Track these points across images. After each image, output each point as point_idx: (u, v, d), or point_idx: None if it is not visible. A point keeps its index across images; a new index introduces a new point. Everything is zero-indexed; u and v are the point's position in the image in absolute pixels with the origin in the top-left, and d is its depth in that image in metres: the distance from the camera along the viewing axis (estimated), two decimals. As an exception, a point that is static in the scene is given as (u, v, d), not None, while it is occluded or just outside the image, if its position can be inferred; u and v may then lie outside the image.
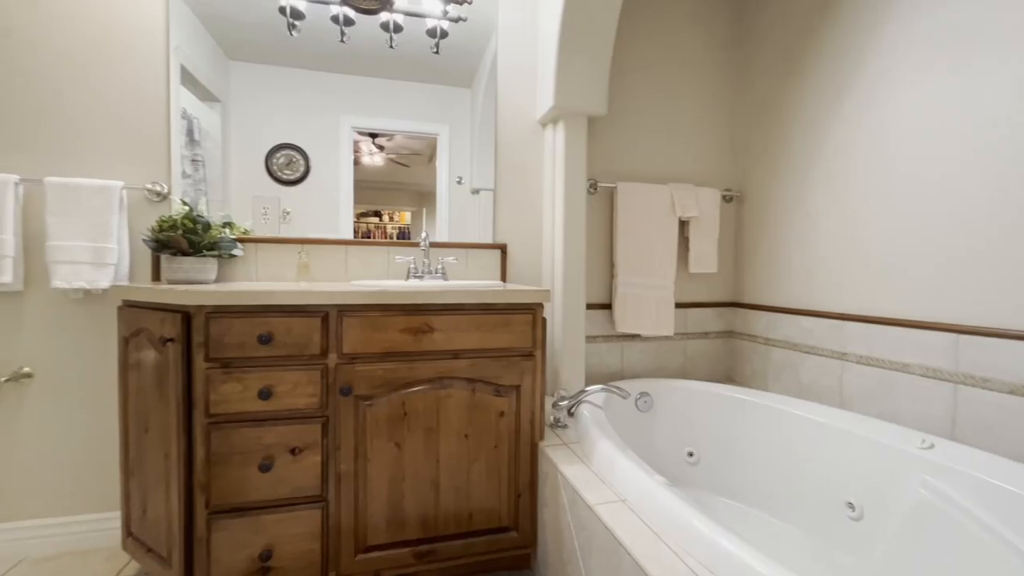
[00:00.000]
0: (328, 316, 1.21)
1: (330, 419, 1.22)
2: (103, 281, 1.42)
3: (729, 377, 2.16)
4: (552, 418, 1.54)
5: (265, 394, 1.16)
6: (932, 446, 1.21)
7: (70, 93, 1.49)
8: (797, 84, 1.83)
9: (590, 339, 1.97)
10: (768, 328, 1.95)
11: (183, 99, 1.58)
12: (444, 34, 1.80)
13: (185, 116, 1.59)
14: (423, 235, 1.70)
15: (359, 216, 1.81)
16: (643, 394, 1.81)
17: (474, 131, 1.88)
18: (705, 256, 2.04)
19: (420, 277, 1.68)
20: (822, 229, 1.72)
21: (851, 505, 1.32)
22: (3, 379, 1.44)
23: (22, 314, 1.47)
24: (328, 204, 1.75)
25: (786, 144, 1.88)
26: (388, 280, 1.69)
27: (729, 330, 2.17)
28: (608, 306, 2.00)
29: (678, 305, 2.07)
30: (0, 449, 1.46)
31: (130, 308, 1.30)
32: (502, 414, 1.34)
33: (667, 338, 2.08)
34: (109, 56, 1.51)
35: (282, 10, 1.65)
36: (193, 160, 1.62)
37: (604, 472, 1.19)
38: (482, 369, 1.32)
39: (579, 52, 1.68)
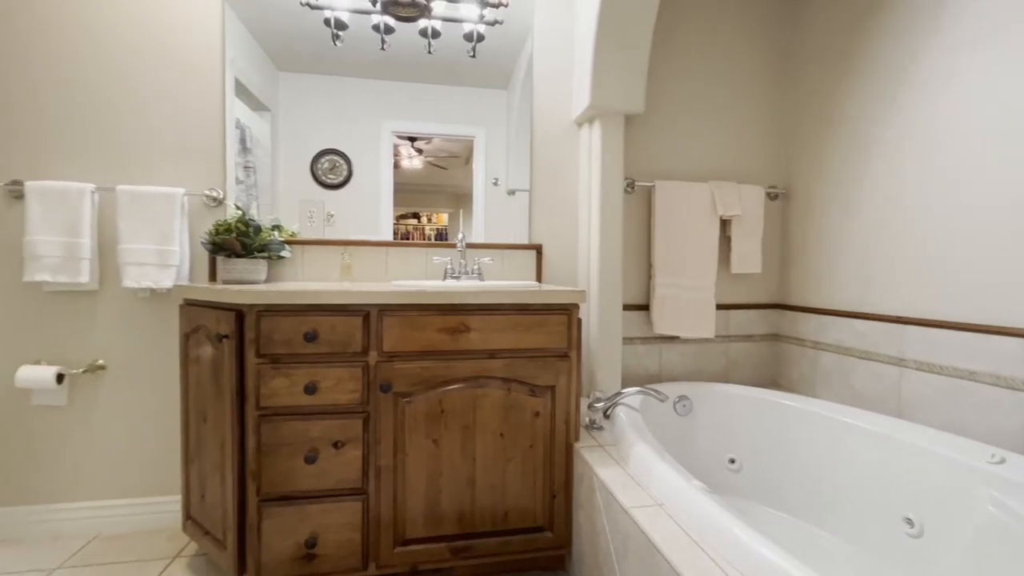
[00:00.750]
0: (369, 315, 1.26)
1: (371, 415, 1.26)
2: (167, 281, 1.53)
3: (774, 382, 2.08)
4: (587, 419, 1.53)
5: (310, 389, 1.22)
6: (1003, 460, 1.12)
7: (139, 108, 1.61)
8: (849, 73, 1.74)
9: (627, 340, 1.94)
10: (817, 331, 1.85)
11: (237, 109, 1.68)
12: (480, 38, 1.82)
13: (238, 125, 1.69)
14: (460, 236, 1.73)
15: (398, 218, 1.87)
16: (682, 397, 1.76)
17: (510, 133, 1.89)
18: (748, 256, 1.97)
19: (457, 278, 1.71)
20: (877, 227, 1.62)
21: (909, 521, 1.24)
22: (81, 370, 1.57)
23: (96, 311, 1.60)
24: (369, 207, 1.81)
25: (837, 137, 1.79)
26: (426, 280, 1.73)
27: (774, 333, 2.08)
28: (645, 307, 1.97)
29: (719, 306, 2.00)
30: (78, 434, 1.60)
31: (190, 306, 1.39)
32: (537, 414, 1.35)
33: (707, 340, 2.02)
34: (172, 73, 1.62)
35: (327, 21, 1.72)
36: (245, 167, 1.72)
37: (640, 475, 1.17)
38: (517, 369, 1.33)
39: (615, 50, 1.66)
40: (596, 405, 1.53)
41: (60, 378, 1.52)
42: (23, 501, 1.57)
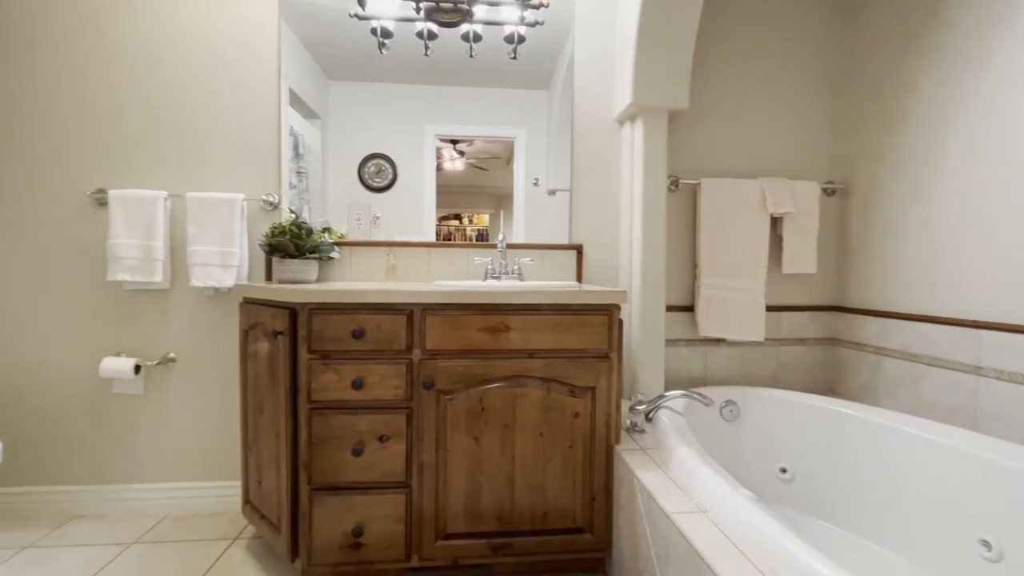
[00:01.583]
0: (413, 314, 1.30)
1: (414, 411, 1.30)
2: (228, 281, 1.64)
3: (831, 389, 1.96)
4: (629, 422, 1.50)
5: (358, 385, 1.27)
6: (1100, 482, 1.00)
7: (205, 121, 1.73)
8: (917, 59, 1.61)
9: (670, 342, 1.89)
10: (879, 335, 1.74)
11: (290, 118, 1.78)
12: (521, 39, 1.83)
13: (292, 133, 1.79)
14: (500, 237, 1.75)
15: (441, 219, 1.91)
16: (729, 402, 1.70)
17: (550, 133, 1.89)
18: (801, 255, 1.87)
19: (497, 278, 1.73)
20: (949, 222, 1.50)
21: (986, 543, 1.14)
22: (155, 362, 1.72)
23: (168, 308, 1.74)
24: (413, 209, 1.86)
25: (903, 129, 1.67)
26: (467, 280, 1.76)
27: (831, 337, 1.97)
28: (690, 308, 1.91)
29: (769, 308, 1.91)
30: (151, 421, 1.74)
31: (248, 304, 1.49)
32: (577, 415, 1.34)
33: (757, 344, 1.94)
34: (234, 88, 1.74)
35: (374, 31, 1.79)
36: (298, 172, 1.81)
37: (683, 481, 1.14)
38: (557, 369, 1.33)
39: (658, 45, 1.62)
40: (638, 408, 1.50)
41: (137, 369, 1.67)
42: (104, 480, 1.73)
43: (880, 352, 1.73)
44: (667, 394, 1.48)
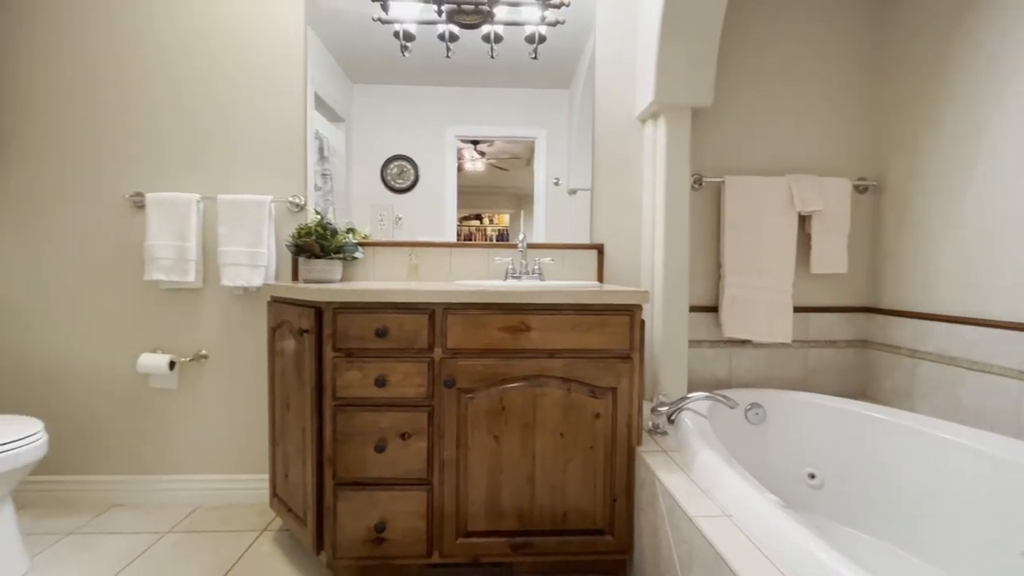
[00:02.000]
0: (434, 313, 1.31)
1: (435, 409, 1.31)
2: (257, 280, 1.69)
3: (863, 393, 1.89)
4: (650, 423, 1.49)
5: (380, 382, 1.29)
6: None
7: (235, 126, 1.79)
8: (957, 43, 1.54)
9: (693, 343, 1.86)
10: (915, 338, 1.67)
11: (316, 121, 1.82)
12: (542, 39, 1.83)
13: (317, 136, 1.83)
14: (520, 236, 1.75)
15: (461, 219, 1.92)
16: (754, 405, 1.66)
17: (571, 132, 1.89)
18: (831, 254, 1.81)
19: (518, 277, 1.74)
20: (993, 220, 1.43)
21: (1031, 557, 1.08)
22: (188, 359, 1.78)
23: (200, 307, 1.80)
24: (434, 209, 1.88)
25: (942, 121, 1.60)
26: (488, 280, 1.77)
27: (863, 339, 1.90)
28: (714, 309, 1.87)
29: (797, 309, 1.86)
30: (185, 415, 1.81)
31: (276, 303, 1.53)
32: (598, 415, 1.33)
33: (784, 346, 1.89)
34: (262, 94, 1.79)
35: (396, 34, 1.81)
36: (323, 174, 1.85)
37: (707, 484, 1.12)
38: (577, 369, 1.32)
39: (682, 41, 1.60)
40: (660, 409, 1.49)
41: (172, 365, 1.74)
42: (141, 471, 1.81)
43: (915, 355, 1.66)
44: (690, 396, 1.45)
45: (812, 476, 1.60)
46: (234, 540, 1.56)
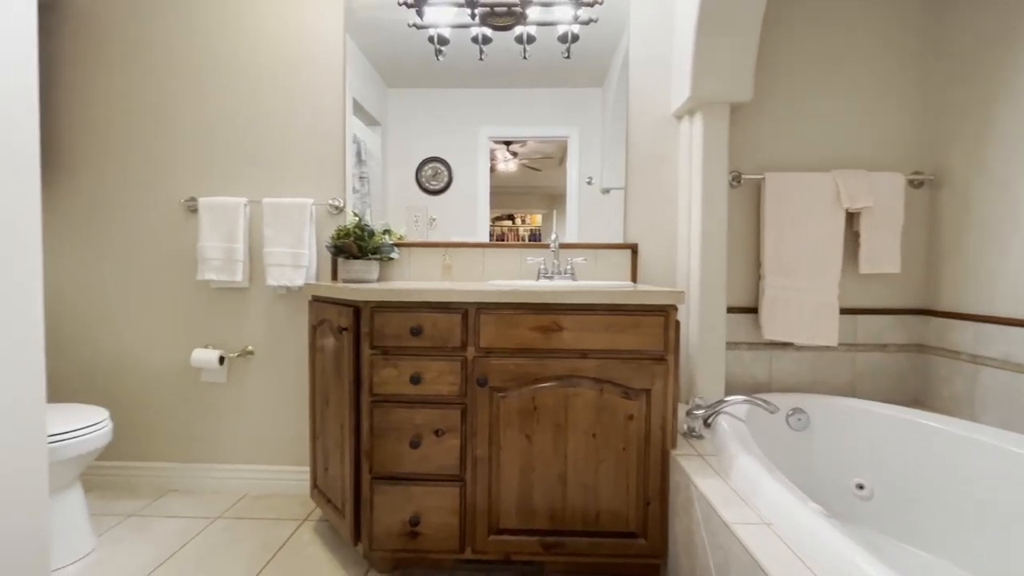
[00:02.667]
0: (467, 313, 1.33)
1: (468, 407, 1.33)
2: (299, 280, 1.77)
3: (917, 400, 1.79)
4: (686, 427, 1.45)
5: (415, 379, 1.32)
6: None
7: (278, 132, 1.87)
8: (1026, 31, 1.43)
9: (731, 345, 1.81)
10: (977, 342, 1.56)
11: (354, 126, 1.88)
12: (575, 38, 1.82)
13: (355, 140, 1.89)
14: (553, 236, 1.75)
15: (494, 220, 1.94)
16: (796, 410, 1.60)
17: (605, 130, 1.87)
18: (882, 253, 1.72)
19: (550, 277, 1.74)
20: (1066, 216, 1.32)
21: (1111, 583, 0.99)
22: (236, 354, 1.88)
23: (247, 305, 1.90)
24: (467, 210, 1.91)
25: (1009, 109, 1.48)
26: (520, 280, 1.77)
27: (917, 343, 1.79)
28: (753, 310, 1.81)
29: (844, 311, 1.77)
30: (233, 408, 1.91)
31: (316, 302, 1.59)
32: (631, 417, 1.32)
33: (829, 349, 1.80)
34: (303, 101, 1.86)
35: (431, 39, 1.85)
36: (360, 177, 1.91)
37: (744, 490, 1.09)
38: (610, 370, 1.31)
39: (720, 35, 1.56)
40: (696, 412, 1.45)
41: (221, 360, 1.84)
42: (194, 460, 1.92)
43: (977, 361, 1.55)
44: (728, 399, 1.41)
45: (860, 487, 1.52)
46: (278, 528, 1.64)
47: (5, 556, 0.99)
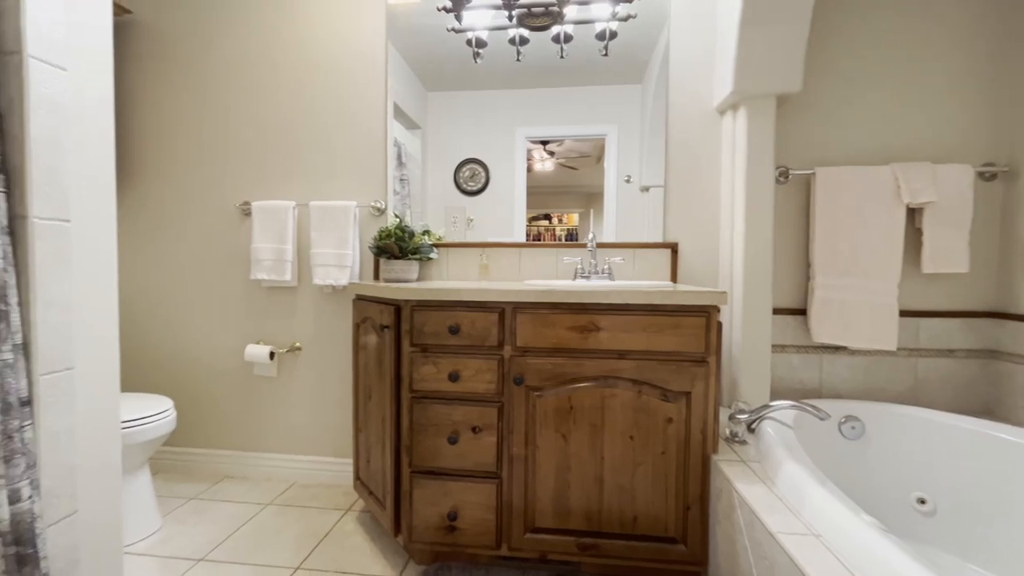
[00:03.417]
0: (504, 312, 1.34)
1: (504, 405, 1.34)
2: (343, 280, 1.84)
3: (988, 410, 1.65)
4: (728, 431, 1.41)
5: (454, 377, 1.35)
6: None
7: (324, 138, 1.96)
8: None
9: (777, 348, 1.74)
10: (1059, 348, 1.42)
11: (394, 129, 1.94)
12: (613, 35, 1.80)
13: (396, 144, 1.95)
14: (590, 236, 1.74)
15: (531, 220, 1.95)
16: (850, 418, 1.52)
17: (644, 127, 1.84)
18: (948, 251, 1.60)
19: (587, 277, 1.72)
20: None
21: None
22: (285, 350, 1.98)
23: (295, 303, 2.00)
24: (504, 210, 1.93)
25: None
26: (556, 280, 1.77)
27: (989, 348, 1.66)
28: (802, 311, 1.73)
29: (904, 313, 1.66)
30: (282, 400, 2.02)
31: (360, 301, 1.65)
32: (670, 420, 1.29)
33: (887, 354, 1.70)
34: (348, 107, 1.94)
35: (469, 42, 1.88)
36: (401, 179, 1.97)
37: (791, 499, 1.04)
38: (648, 371, 1.29)
39: (767, 24, 1.50)
40: (739, 417, 1.40)
41: (272, 355, 1.94)
42: (248, 448, 2.04)
43: (1060, 369, 1.42)
44: (773, 404, 1.36)
45: (922, 501, 1.42)
46: (323, 516, 1.72)
47: (87, 530, 1.09)
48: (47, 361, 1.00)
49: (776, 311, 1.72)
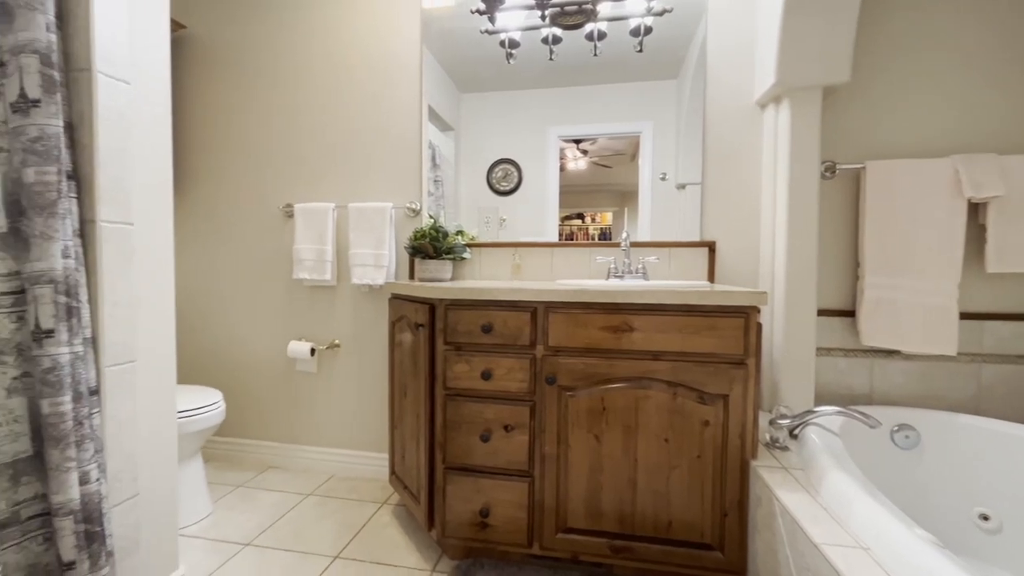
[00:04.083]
0: (536, 311, 1.35)
1: (536, 404, 1.35)
2: (380, 279, 1.89)
3: (1062, 421, 1.52)
4: (768, 436, 1.36)
5: (486, 375, 1.36)
6: None
7: (361, 142, 2.02)
8: None
9: (823, 351, 1.66)
10: None
11: (429, 132, 1.97)
12: (648, 30, 1.77)
13: (430, 146, 1.98)
14: (623, 235, 1.71)
15: (563, 219, 1.94)
16: (903, 426, 1.43)
17: (680, 123, 1.80)
18: (1016, 249, 1.48)
19: (620, 277, 1.70)
20: None
21: None
22: (325, 347, 2.06)
23: (335, 302, 2.07)
24: (537, 210, 1.93)
25: None
26: (589, 280, 1.76)
27: (1064, 354, 1.52)
28: (849, 313, 1.65)
29: (965, 315, 1.56)
30: (322, 395, 2.09)
31: (395, 299, 1.70)
32: (707, 423, 1.26)
33: (946, 359, 1.59)
34: (384, 112, 1.99)
35: (502, 43, 1.89)
36: (435, 180, 2.00)
37: (837, 509, 0.99)
38: (684, 373, 1.26)
39: (812, 13, 1.43)
40: (780, 422, 1.35)
41: (312, 351, 2.02)
42: (290, 440, 2.13)
43: None
44: (818, 409, 1.30)
45: (985, 518, 1.33)
46: (360, 508, 1.77)
47: (146, 512, 1.17)
48: (113, 354, 1.08)
49: (821, 312, 1.64)
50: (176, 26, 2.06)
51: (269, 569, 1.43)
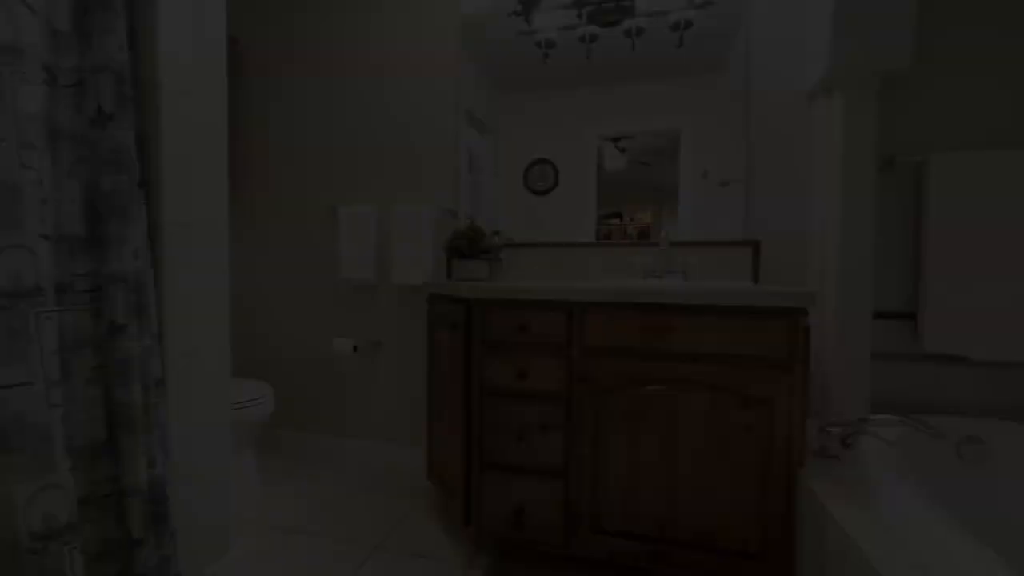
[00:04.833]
0: (572, 311, 1.34)
1: (572, 404, 1.34)
2: (419, 279, 1.94)
3: None
4: (817, 445, 1.29)
5: (522, 374, 1.37)
6: None
7: (403, 147, 2.07)
8: None
9: (878, 356, 1.56)
10: None
11: (466, 134, 2.00)
12: (688, 24, 1.72)
13: (467, 148, 2.01)
14: (662, 234, 1.68)
15: (601, 218, 1.92)
16: (972, 438, 1.33)
17: (722, 119, 1.74)
18: (1108, 247, 1.34)
19: (659, 277, 1.67)
20: None
21: None
22: (366, 344, 2.13)
23: (376, 301, 2.14)
24: (573, 209, 1.92)
25: None
26: (627, 280, 1.73)
27: None
28: (910, 315, 1.54)
29: (1046, 319, 1.42)
30: (364, 391, 2.17)
31: (434, 298, 1.73)
32: (749, 428, 1.21)
33: (1021, 366, 1.46)
34: (426, 115, 2.04)
35: (539, 44, 1.89)
36: (472, 182, 2.03)
37: (894, 525, 0.93)
38: (724, 376, 1.22)
39: (868, -3, 1.35)
40: (831, 429, 1.28)
41: (355, 348, 2.09)
42: (334, 434, 2.22)
43: None
44: (873, 417, 1.23)
45: (1067, 541, 1.20)
46: (399, 501, 1.82)
47: (203, 496, 1.26)
48: (175, 348, 1.16)
49: (877, 315, 1.54)
50: (231, 41, 2.19)
51: (312, 555, 1.49)
